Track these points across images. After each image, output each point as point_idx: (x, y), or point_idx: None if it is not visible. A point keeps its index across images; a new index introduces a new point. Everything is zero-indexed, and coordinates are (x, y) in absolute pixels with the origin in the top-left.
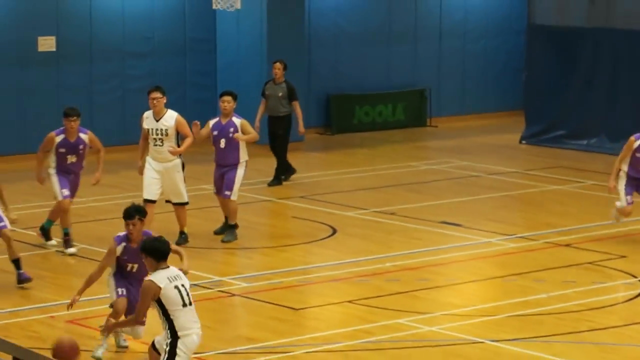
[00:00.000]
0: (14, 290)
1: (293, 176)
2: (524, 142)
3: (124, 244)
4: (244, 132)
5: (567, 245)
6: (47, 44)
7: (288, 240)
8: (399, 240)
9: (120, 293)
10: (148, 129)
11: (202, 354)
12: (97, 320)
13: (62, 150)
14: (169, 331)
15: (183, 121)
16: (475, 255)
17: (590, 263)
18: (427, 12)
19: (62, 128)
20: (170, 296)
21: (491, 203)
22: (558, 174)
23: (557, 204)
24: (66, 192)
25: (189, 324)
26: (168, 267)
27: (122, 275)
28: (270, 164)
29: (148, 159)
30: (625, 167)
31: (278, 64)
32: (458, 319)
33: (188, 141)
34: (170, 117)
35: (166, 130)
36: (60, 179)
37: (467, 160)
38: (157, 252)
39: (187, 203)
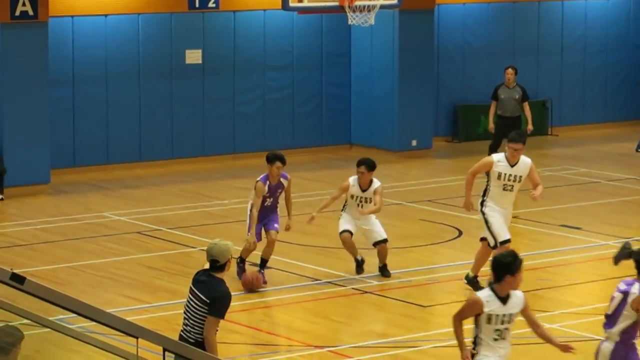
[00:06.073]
0: (159, 286)
1: (422, 180)
2: (639, 150)
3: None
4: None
5: None
6: (194, 56)
7: (416, 241)
8: (521, 242)
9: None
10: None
11: (335, 347)
12: None
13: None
14: None
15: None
16: (593, 257)
17: None
18: (549, 28)
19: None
20: None
21: (609, 208)
22: None
23: None
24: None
25: None
26: None
27: None
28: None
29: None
30: None
31: (510, 70)
32: (578, 317)
33: None
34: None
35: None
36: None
37: (587, 167)
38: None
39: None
